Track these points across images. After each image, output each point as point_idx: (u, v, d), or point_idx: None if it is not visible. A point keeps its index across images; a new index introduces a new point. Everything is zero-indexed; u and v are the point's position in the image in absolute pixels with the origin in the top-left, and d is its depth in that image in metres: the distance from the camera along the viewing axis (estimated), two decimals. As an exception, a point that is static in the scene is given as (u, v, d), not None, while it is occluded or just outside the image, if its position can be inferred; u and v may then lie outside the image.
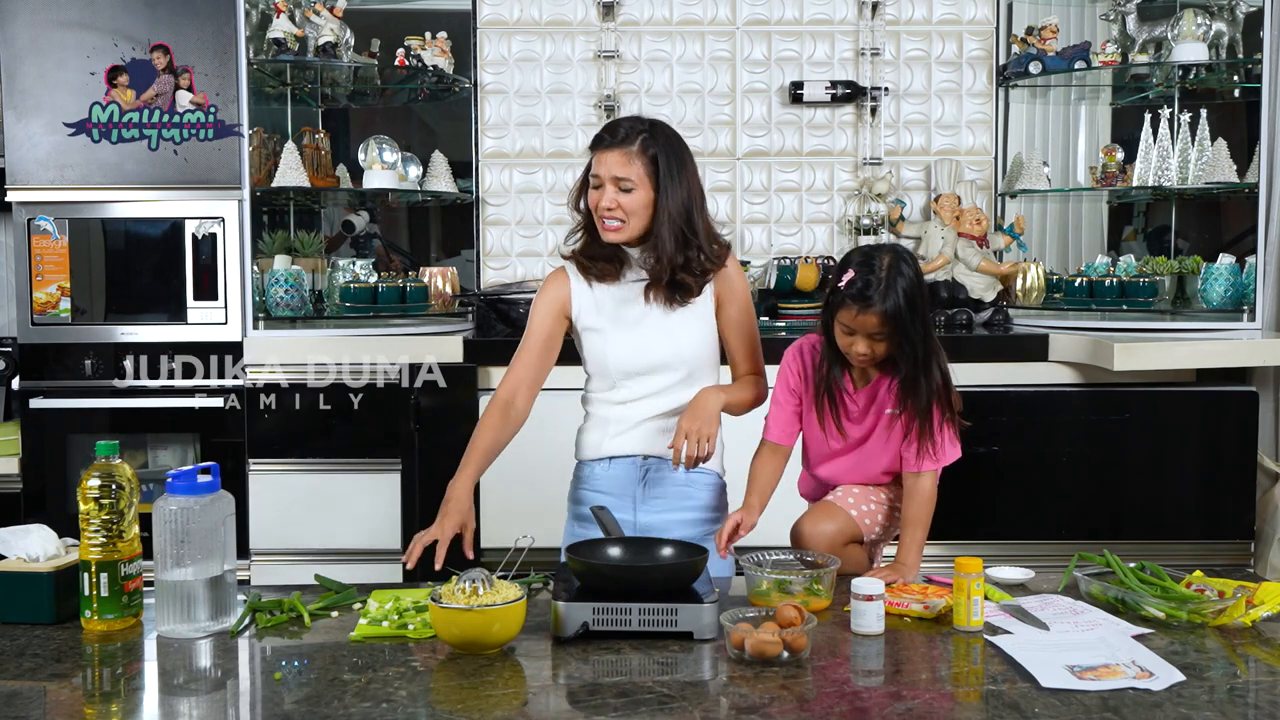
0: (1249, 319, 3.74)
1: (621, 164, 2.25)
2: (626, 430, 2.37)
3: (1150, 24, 3.98)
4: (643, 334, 2.33)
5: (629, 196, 2.25)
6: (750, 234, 4.19)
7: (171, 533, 1.91)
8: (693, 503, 2.39)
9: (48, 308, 3.70)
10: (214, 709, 1.67)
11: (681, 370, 2.35)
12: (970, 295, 3.94)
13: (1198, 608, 1.95)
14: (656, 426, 2.36)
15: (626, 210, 2.26)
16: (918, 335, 2.24)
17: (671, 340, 2.33)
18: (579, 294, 2.38)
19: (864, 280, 2.23)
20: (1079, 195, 4.34)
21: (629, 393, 2.37)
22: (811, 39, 4.15)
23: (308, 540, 3.62)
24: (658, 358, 2.33)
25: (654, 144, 2.26)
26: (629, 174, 2.25)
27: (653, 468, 2.38)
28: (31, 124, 3.65)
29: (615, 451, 2.38)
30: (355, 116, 4.44)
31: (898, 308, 2.21)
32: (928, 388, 2.27)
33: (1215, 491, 3.58)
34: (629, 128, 2.28)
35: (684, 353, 2.34)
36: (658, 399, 2.36)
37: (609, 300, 2.36)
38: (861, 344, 2.26)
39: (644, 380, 2.35)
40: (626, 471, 2.38)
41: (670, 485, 2.38)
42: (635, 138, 2.26)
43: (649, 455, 2.38)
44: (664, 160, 2.26)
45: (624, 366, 2.34)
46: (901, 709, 1.59)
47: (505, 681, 1.70)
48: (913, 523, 2.33)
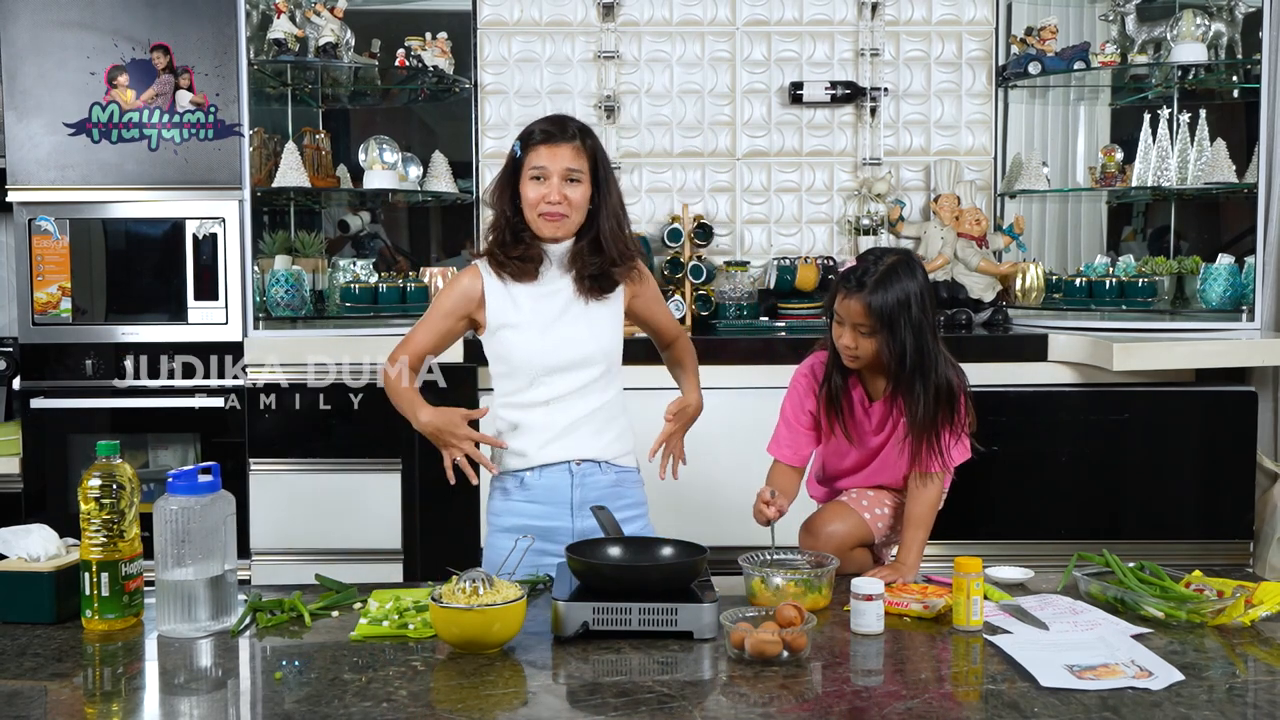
0: (1248, 319, 3.75)
1: (573, 156, 2.27)
2: (557, 437, 2.33)
3: (1149, 24, 3.99)
4: (563, 329, 2.32)
5: (575, 190, 2.28)
6: (750, 234, 4.20)
7: (172, 532, 1.91)
8: (626, 500, 2.37)
9: (48, 308, 3.70)
10: (214, 709, 1.67)
11: (601, 365, 2.34)
12: (970, 295, 3.94)
13: (1197, 607, 1.96)
14: (587, 430, 2.34)
15: (572, 204, 2.28)
16: (907, 340, 2.24)
17: (593, 336, 2.33)
18: (494, 293, 2.34)
19: (862, 269, 2.26)
20: (1078, 195, 4.34)
21: (549, 390, 2.33)
22: (811, 39, 4.15)
23: (308, 540, 3.62)
24: (580, 353, 2.32)
25: (593, 141, 2.33)
26: (579, 165, 2.28)
27: (586, 472, 2.35)
28: (32, 124, 3.66)
29: (547, 460, 2.34)
30: (356, 117, 4.44)
31: (884, 303, 2.22)
32: (925, 397, 2.27)
33: (1214, 491, 3.58)
34: (574, 125, 2.32)
35: (605, 346, 2.35)
36: (579, 397, 2.33)
37: (526, 297, 2.33)
38: (847, 335, 2.28)
39: (565, 377, 2.32)
40: (559, 479, 2.34)
41: (603, 488, 2.35)
42: (583, 134, 2.31)
43: (582, 460, 2.34)
44: (601, 157, 2.33)
45: (545, 362, 2.31)
46: (901, 708, 1.59)
47: (505, 681, 1.70)
48: (914, 523, 2.34)
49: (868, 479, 2.47)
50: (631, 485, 2.41)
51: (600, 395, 2.35)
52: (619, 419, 2.39)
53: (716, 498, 3.23)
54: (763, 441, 2.51)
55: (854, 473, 2.48)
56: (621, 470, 2.38)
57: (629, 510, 2.37)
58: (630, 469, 2.41)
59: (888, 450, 2.41)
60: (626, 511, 2.35)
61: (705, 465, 2.88)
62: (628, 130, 4.12)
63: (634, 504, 2.40)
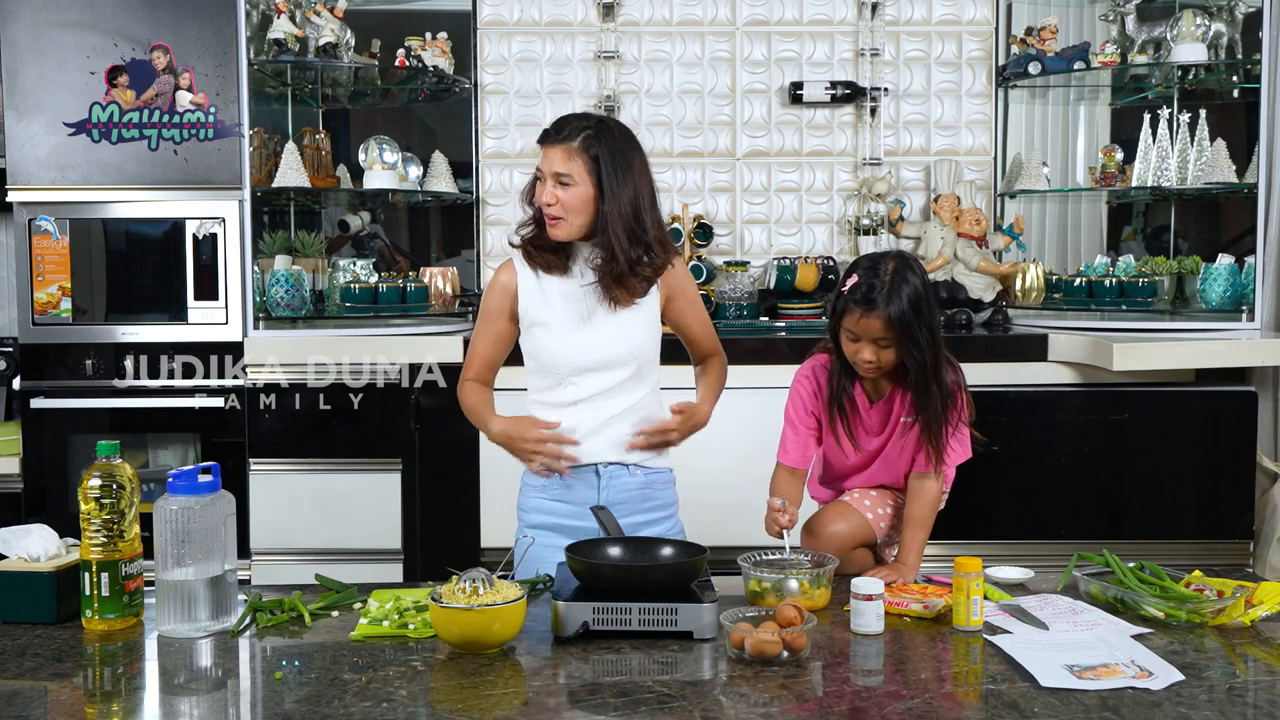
0: (1248, 319, 3.75)
1: (562, 160, 2.24)
2: (586, 438, 2.33)
3: (1149, 24, 3.98)
4: (594, 330, 2.32)
5: (568, 192, 2.24)
6: (750, 234, 4.20)
7: (172, 532, 1.91)
8: (654, 503, 2.38)
9: (48, 308, 3.70)
10: (215, 708, 1.67)
11: (632, 366, 2.33)
12: (970, 295, 3.94)
13: (1197, 607, 1.96)
14: (616, 431, 2.33)
15: (565, 206, 2.25)
16: (925, 341, 2.24)
17: (624, 337, 2.32)
18: (527, 287, 2.35)
19: (868, 284, 2.23)
20: (1078, 195, 4.34)
21: (578, 391, 2.33)
22: (811, 39, 4.15)
23: (308, 540, 3.62)
24: (611, 354, 2.31)
25: (597, 143, 2.24)
26: (569, 170, 2.24)
27: (614, 474, 2.35)
28: (32, 124, 3.66)
29: (576, 461, 2.34)
30: (356, 117, 4.44)
31: (901, 312, 2.21)
32: (940, 394, 2.28)
33: (1214, 491, 3.58)
34: (575, 125, 2.26)
35: (635, 349, 2.33)
36: (608, 398, 2.33)
37: (557, 295, 2.33)
38: (867, 350, 2.26)
39: (594, 377, 2.32)
40: (587, 480, 2.35)
41: (631, 490, 2.35)
42: (578, 135, 2.24)
43: (610, 463, 2.35)
44: (607, 160, 2.24)
45: (575, 363, 2.31)
46: (901, 708, 1.59)
47: (505, 681, 1.70)
48: (915, 523, 2.34)
49: (869, 479, 2.48)
50: (661, 487, 2.40)
51: (630, 396, 2.34)
52: (651, 420, 2.36)
53: (717, 498, 3.22)
54: (763, 441, 2.51)
55: (856, 473, 2.48)
56: (651, 472, 2.37)
57: (657, 513, 2.38)
58: (660, 470, 2.40)
59: (889, 450, 2.41)
60: (654, 514, 2.37)
61: (705, 465, 2.88)
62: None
63: (662, 505, 2.40)
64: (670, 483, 2.44)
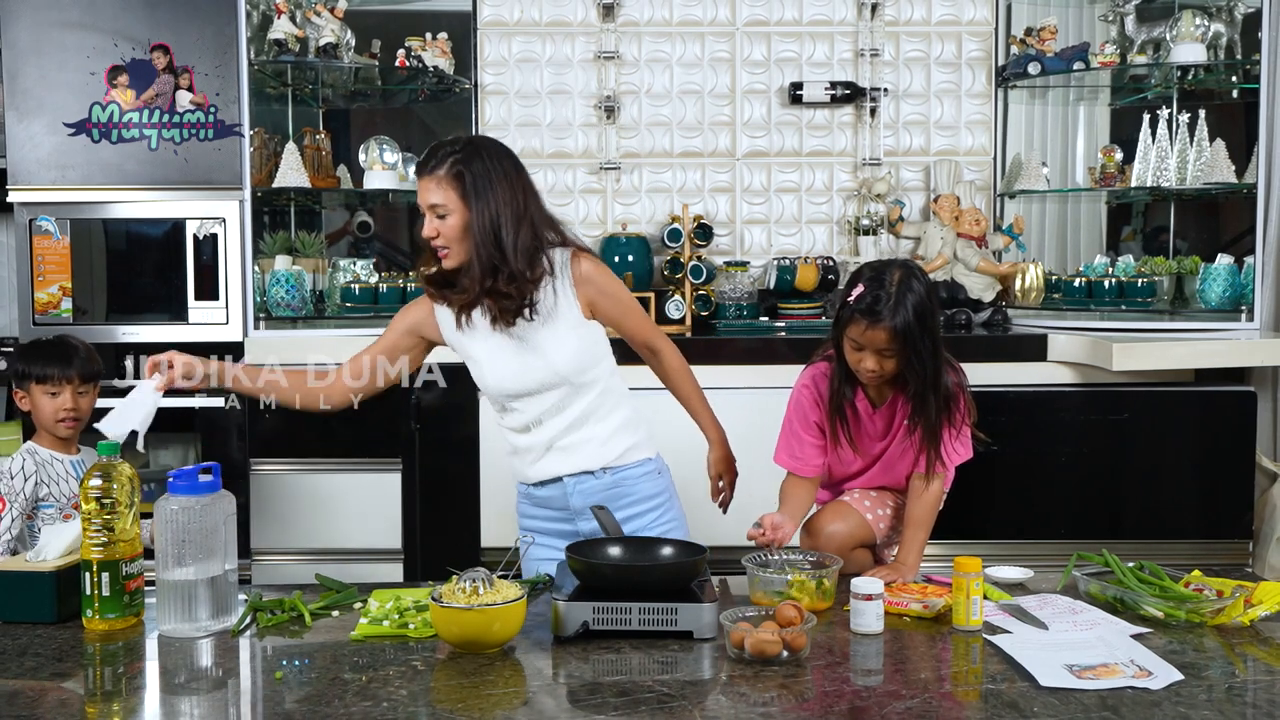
0: (1247, 319, 3.75)
1: (431, 190, 2.20)
2: (541, 457, 2.35)
3: (1149, 25, 3.99)
4: (516, 356, 2.28)
5: (446, 223, 2.20)
6: (750, 234, 4.20)
7: (172, 532, 1.91)
8: (631, 498, 2.36)
9: (49, 308, 3.71)
10: (215, 708, 1.67)
11: (562, 385, 2.29)
12: (969, 295, 3.94)
13: (1196, 607, 1.96)
14: (570, 444, 2.33)
15: (446, 238, 2.20)
16: (927, 352, 2.24)
17: (543, 360, 2.26)
18: (444, 319, 2.34)
19: (874, 295, 2.23)
20: (1078, 196, 4.34)
21: (521, 416, 2.33)
22: (811, 40, 4.15)
23: (308, 540, 3.63)
24: (535, 380, 2.28)
25: (463, 164, 2.18)
26: (442, 199, 2.19)
27: (580, 481, 2.35)
28: (32, 124, 3.66)
29: (540, 477, 2.36)
30: (356, 117, 4.44)
31: (907, 324, 2.21)
32: (936, 404, 2.28)
33: (1214, 491, 3.58)
34: (442, 153, 2.21)
35: (559, 368, 2.27)
36: (552, 416, 2.31)
37: (479, 326, 2.29)
38: (870, 360, 2.26)
39: (529, 401, 2.31)
40: (555, 492, 2.37)
41: (600, 491, 2.34)
42: (444, 162, 2.19)
43: (573, 473, 2.34)
44: (470, 180, 2.18)
45: (505, 390, 2.30)
46: (901, 708, 1.60)
47: (505, 681, 1.70)
48: (915, 523, 2.34)
49: (870, 481, 2.48)
50: (636, 481, 2.36)
51: (575, 409, 2.31)
52: (608, 420, 2.34)
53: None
54: (763, 441, 2.51)
55: (857, 476, 2.49)
56: (620, 470, 2.35)
57: (639, 506, 2.36)
58: (632, 464, 2.36)
59: (890, 453, 2.42)
60: (636, 508, 2.36)
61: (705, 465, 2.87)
62: (628, 130, 4.12)
63: (643, 498, 2.37)
64: (649, 474, 2.38)
